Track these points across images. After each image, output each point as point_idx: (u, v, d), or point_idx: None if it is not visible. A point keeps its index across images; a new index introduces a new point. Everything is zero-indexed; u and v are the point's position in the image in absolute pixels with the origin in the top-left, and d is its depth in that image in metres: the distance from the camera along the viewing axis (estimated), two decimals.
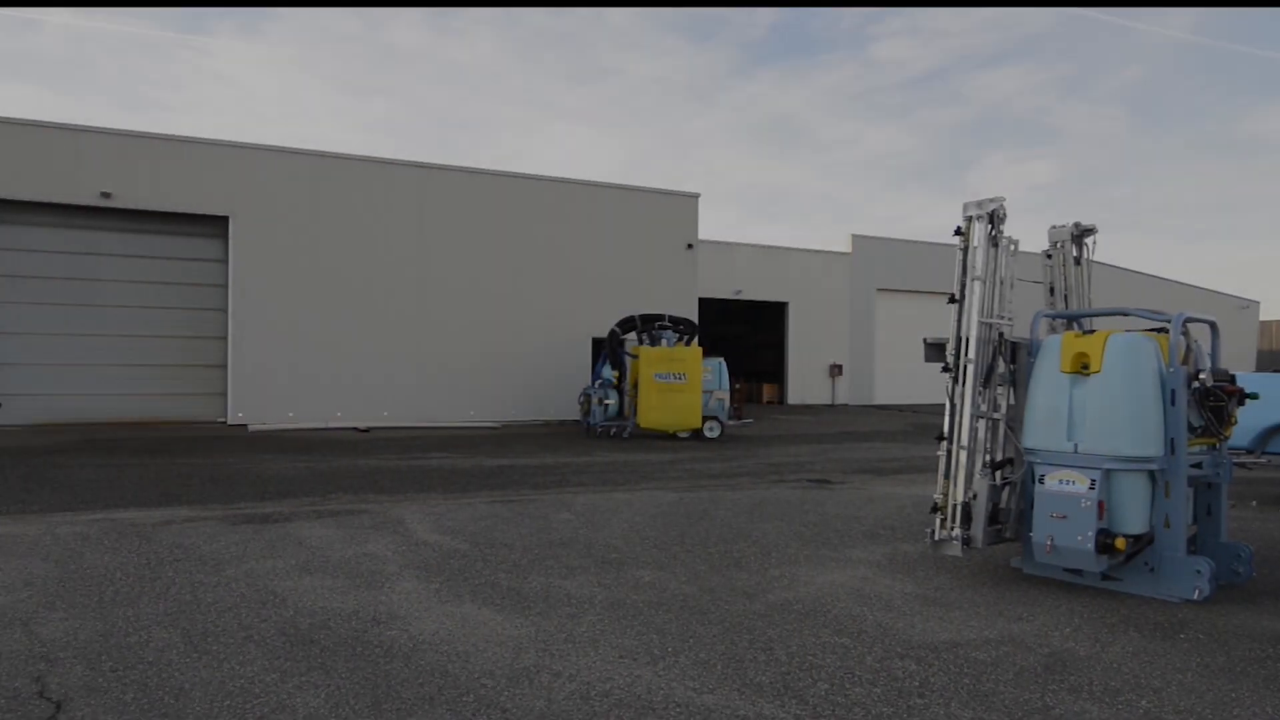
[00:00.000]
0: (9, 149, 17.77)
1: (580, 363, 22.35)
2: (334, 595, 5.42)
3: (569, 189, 22.95)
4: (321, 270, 20.17)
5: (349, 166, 20.73)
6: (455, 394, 21.27)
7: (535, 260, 22.32)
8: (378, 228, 20.78)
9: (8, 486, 9.81)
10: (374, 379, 20.50)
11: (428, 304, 21.20)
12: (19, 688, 3.84)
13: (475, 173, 22.10)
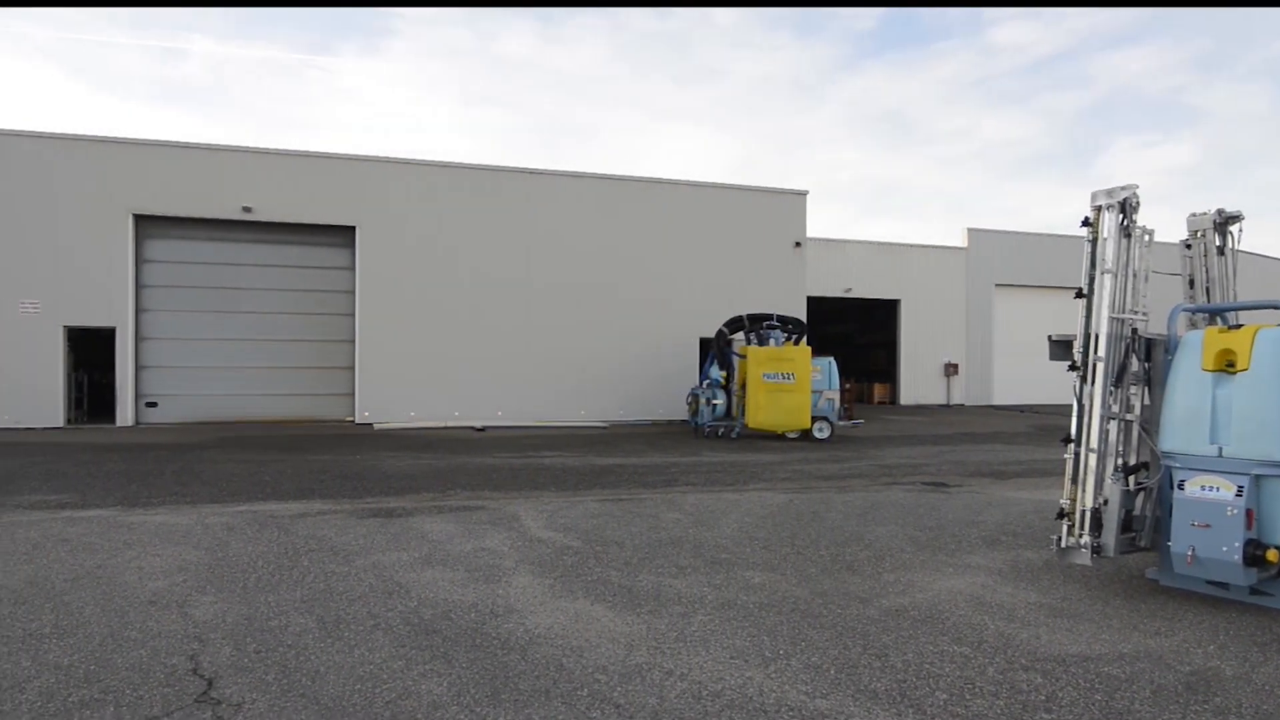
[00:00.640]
0: (162, 169, 19.35)
1: (688, 363, 22.40)
2: (454, 588, 5.65)
3: (675, 190, 23.04)
4: (440, 275, 21.02)
5: (463, 175, 21.49)
6: (565, 394, 21.72)
7: (642, 262, 22.52)
8: (491, 233, 21.47)
9: (164, 480, 10.68)
10: (489, 380, 21.19)
11: (539, 306, 21.74)
12: (175, 665, 4.18)
13: (582, 177, 22.49)
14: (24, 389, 18.32)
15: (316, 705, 3.71)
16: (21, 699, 3.74)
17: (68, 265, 18.63)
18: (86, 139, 19.17)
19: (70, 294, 18.68)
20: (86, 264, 18.76)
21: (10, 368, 18.23)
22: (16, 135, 18.80)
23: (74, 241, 18.69)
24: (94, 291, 18.82)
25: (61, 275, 18.61)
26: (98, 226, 18.84)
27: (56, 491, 9.69)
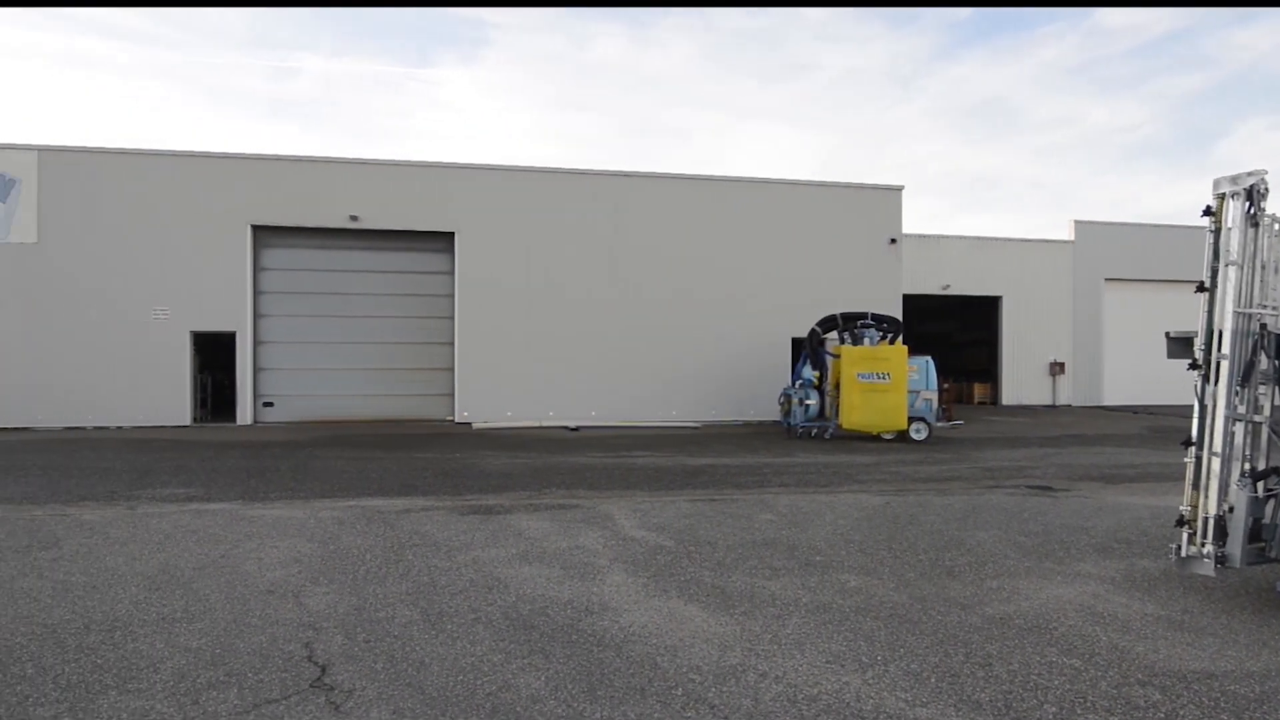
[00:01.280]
0: (277, 182, 20.45)
1: (780, 363, 22.16)
2: (550, 584, 5.77)
3: (765, 189, 22.83)
4: (535, 277, 21.46)
5: (556, 179, 21.88)
6: (657, 394, 21.83)
7: (733, 262, 22.41)
8: (584, 236, 21.78)
9: (280, 476, 11.29)
10: (582, 380, 21.51)
11: (630, 308, 21.92)
12: (292, 651, 4.43)
13: (672, 178, 22.54)
14: (156, 390, 19.70)
15: (422, 695, 3.86)
16: (156, 679, 4.04)
17: (194, 274, 19.92)
18: (210, 156, 20.43)
19: (196, 301, 19.96)
20: (210, 273, 20.01)
21: (144, 370, 19.62)
22: (150, 154, 20.22)
23: (199, 252, 19.97)
24: (217, 298, 20.06)
25: (188, 284, 19.91)
26: (220, 237, 20.07)
27: (185, 485, 10.38)
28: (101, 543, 6.99)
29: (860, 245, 22.90)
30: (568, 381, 21.42)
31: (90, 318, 19.54)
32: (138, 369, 19.61)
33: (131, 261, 19.73)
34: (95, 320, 19.54)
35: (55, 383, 19.35)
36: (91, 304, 19.56)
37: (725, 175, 22.79)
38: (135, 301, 19.72)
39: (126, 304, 19.67)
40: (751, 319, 22.31)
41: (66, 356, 19.41)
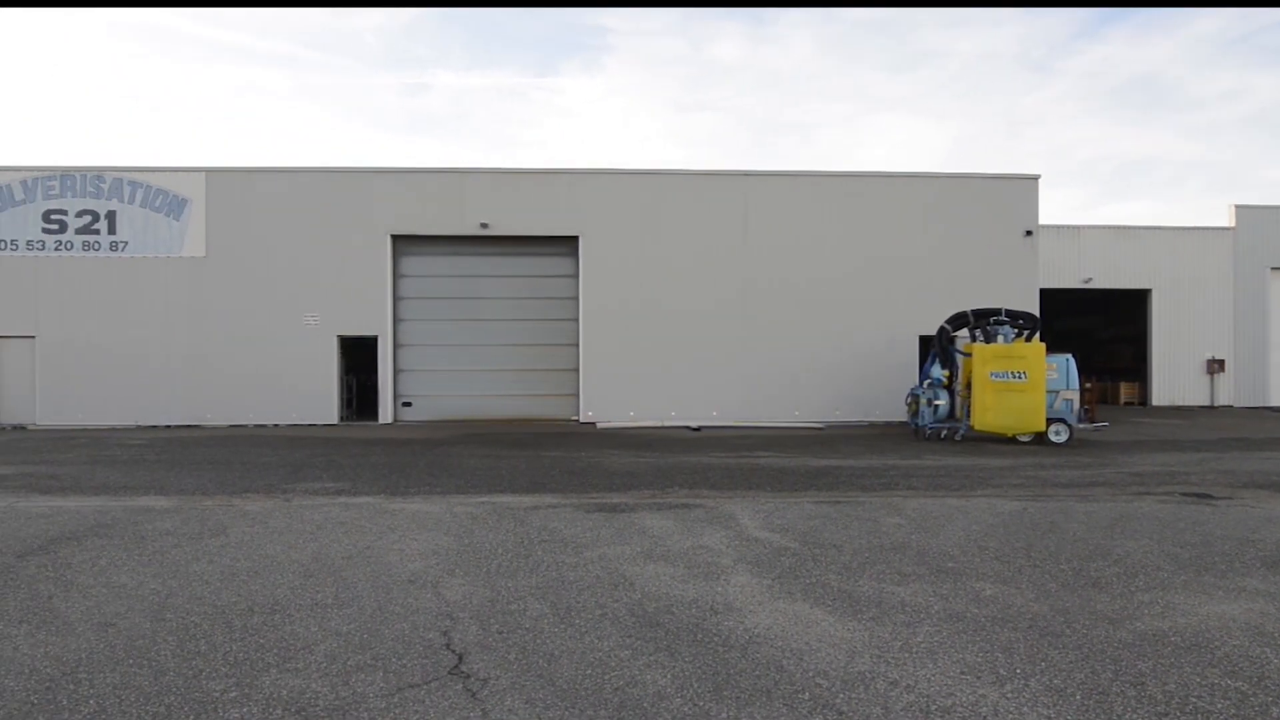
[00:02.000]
0: (412, 193, 21.55)
1: (907, 362, 21.48)
2: (675, 583, 5.84)
3: (892, 183, 22.16)
4: (657, 278, 21.67)
5: (677, 180, 22.00)
6: (780, 394, 21.60)
7: (859, 259, 21.88)
8: (706, 236, 21.81)
9: (418, 472, 11.90)
10: (705, 380, 21.55)
11: (753, 307, 21.78)
12: (431, 639, 4.67)
13: (795, 175, 22.23)
14: (308, 391, 21.15)
15: (553, 686, 4.00)
16: (311, 659, 4.35)
17: (340, 282, 21.27)
18: (353, 170, 21.74)
19: (342, 307, 21.31)
20: (355, 280, 21.31)
21: (297, 373, 21.12)
22: (301, 171, 21.72)
23: (345, 261, 21.30)
24: (361, 305, 21.34)
25: (335, 291, 21.28)
26: (363, 247, 21.34)
27: (334, 480, 11.10)
28: (262, 532, 7.59)
29: (993, 238, 21.87)
30: (690, 381, 21.52)
31: (250, 324, 21.21)
32: (291, 371, 21.12)
33: (285, 271, 21.27)
34: (254, 326, 21.20)
35: (221, 384, 21.12)
36: (251, 311, 21.23)
37: (851, 170, 22.31)
38: (289, 309, 21.25)
39: (281, 311, 21.24)
40: (878, 317, 21.73)
41: (230, 360, 21.15)
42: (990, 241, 21.84)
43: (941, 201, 22.01)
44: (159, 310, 21.19)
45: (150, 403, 21.06)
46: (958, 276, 21.49)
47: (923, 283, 21.65)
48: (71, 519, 8.29)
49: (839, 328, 21.72)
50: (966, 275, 21.50)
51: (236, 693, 3.90)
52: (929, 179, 22.25)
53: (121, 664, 4.27)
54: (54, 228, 21.19)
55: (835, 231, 21.88)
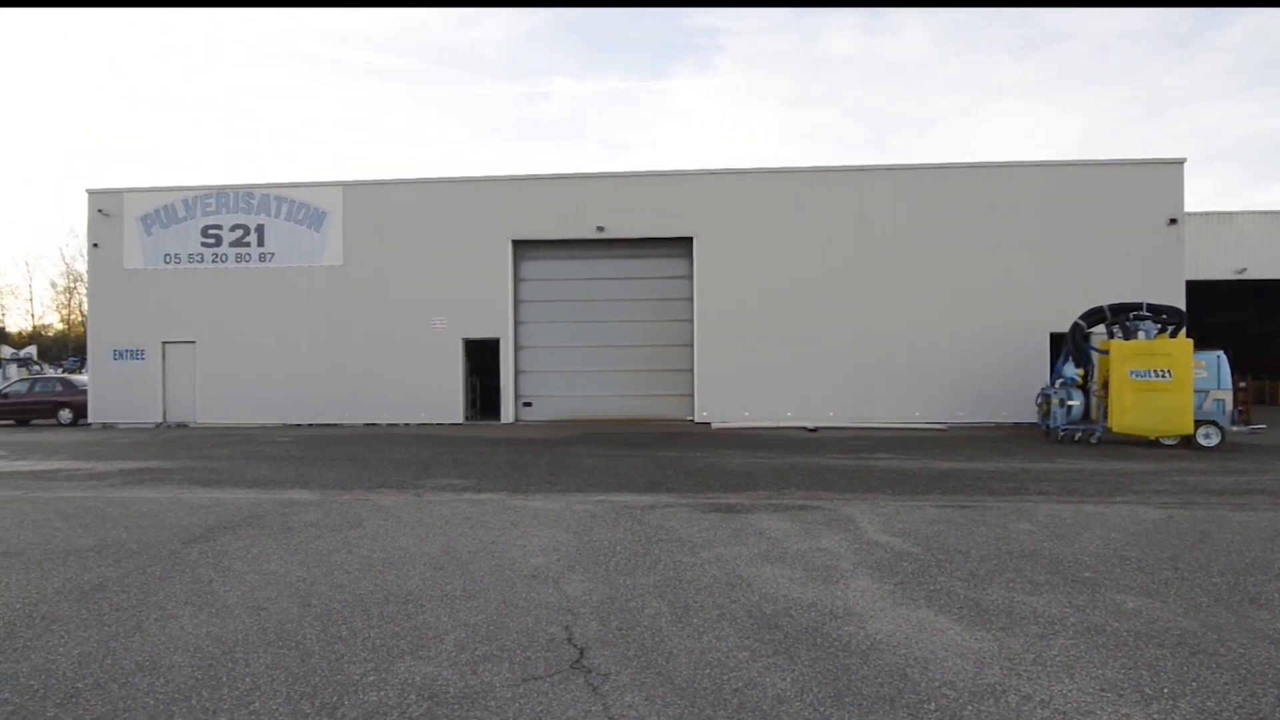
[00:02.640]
0: (531, 199, 22.19)
1: (1037, 361, 20.43)
2: (793, 585, 5.78)
3: (1017, 173, 21.13)
4: (771, 278, 21.47)
5: (791, 178, 21.71)
6: (899, 395, 20.97)
7: (983, 253, 20.97)
8: (820, 233, 21.44)
9: (539, 471, 12.25)
10: (821, 381, 21.18)
11: (870, 305, 21.24)
12: (553, 634, 4.81)
13: (913, 169, 21.54)
14: (435, 392, 22.14)
15: (671, 684, 4.04)
16: (442, 648, 4.56)
17: (464, 287, 22.15)
18: (475, 179, 22.59)
19: (466, 311, 22.19)
20: (478, 285, 22.14)
21: (426, 374, 22.14)
22: (427, 182, 22.74)
23: (469, 267, 22.16)
24: (483, 308, 22.16)
25: (460, 296, 22.18)
26: (486, 253, 22.14)
27: (460, 477, 11.58)
28: (395, 525, 8.01)
29: (1133, 228, 20.50)
30: (806, 382, 21.20)
31: (382, 328, 22.38)
32: (420, 373, 22.15)
33: (414, 277, 22.33)
34: (386, 330, 22.36)
35: (356, 385, 22.39)
36: (384, 316, 22.40)
37: (972, 161, 21.40)
38: (418, 313, 22.29)
39: (411, 315, 22.31)
40: (1004, 314, 20.76)
41: (364, 362, 22.38)
42: (1129, 231, 20.47)
43: (1073, 191, 20.81)
44: (301, 316, 22.67)
45: (294, 403, 22.56)
46: (1093, 270, 20.26)
47: (1053, 277, 20.53)
48: (228, 510, 8.99)
49: (962, 325, 20.88)
50: (1102, 268, 20.24)
51: (374, 677, 4.14)
52: (1059, 167, 21.08)
53: (272, 645, 4.61)
54: (211, 241, 23.02)
55: (957, 226, 21.05)
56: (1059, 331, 19.15)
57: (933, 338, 20.96)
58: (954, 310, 20.95)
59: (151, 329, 23.19)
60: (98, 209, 23.35)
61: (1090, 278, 20.09)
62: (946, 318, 20.96)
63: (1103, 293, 18.80)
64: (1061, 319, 18.84)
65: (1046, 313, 20.35)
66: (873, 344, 21.17)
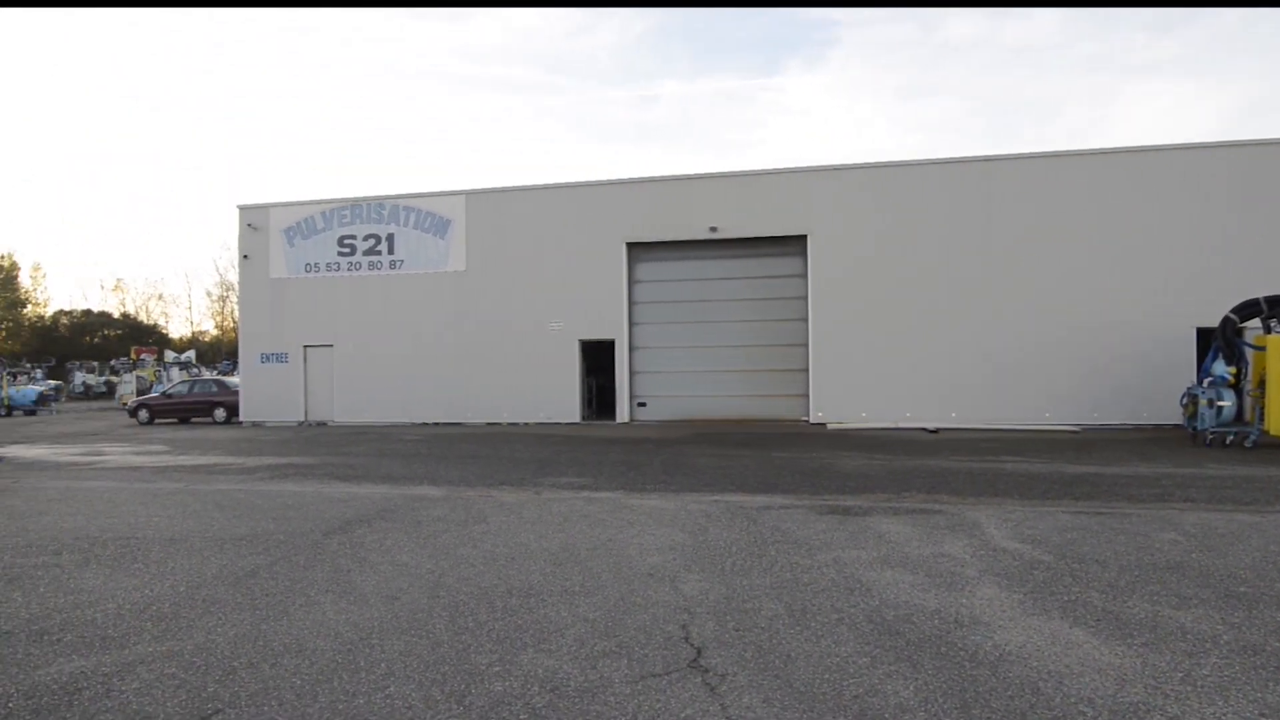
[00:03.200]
0: (645, 202, 22.41)
1: (1181, 358, 19.03)
2: (914, 591, 5.62)
3: (1158, 157, 19.73)
4: (889, 275, 20.88)
5: (910, 172, 21.05)
6: (1027, 395, 19.97)
7: (1120, 244, 19.71)
8: (942, 227, 20.68)
9: (653, 470, 12.37)
10: (942, 380, 20.43)
11: (997, 301, 20.32)
12: (671, 632, 4.85)
13: (1043, 157, 20.46)
14: (553, 392, 22.70)
15: (789, 687, 4.02)
16: (562, 642, 4.69)
17: (581, 289, 22.62)
18: (590, 184, 23.02)
19: (582, 313, 22.64)
20: (594, 287, 22.56)
21: (545, 375, 22.74)
22: (545, 188, 23.35)
23: (585, 269, 22.62)
24: (599, 310, 22.55)
25: (576, 298, 22.66)
26: (601, 255, 22.54)
27: (577, 475, 11.84)
28: (516, 521, 8.28)
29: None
30: (926, 381, 20.50)
31: (503, 331, 23.14)
32: (539, 374, 22.77)
33: (533, 281, 22.98)
34: (507, 333, 23.10)
35: (479, 386, 23.23)
36: (504, 319, 23.16)
37: (1106, 146, 20.15)
38: (536, 316, 22.93)
39: (529, 318, 22.97)
40: (1145, 308, 19.44)
41: (486, 364, 23.20)
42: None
43: (1221, 174, 19.26)
44: (428, 320, 23.72)
45: (422, 402, 23.63)
46: (1245, 259, 18.69)
47: (1199, 269, 19.06)
48: (363, 504, 9.53)
49: (1098, 320, 19.68)
50: (1257, 258, 18.64)
51: (500, 668, 4.31)
52: (1204, 149, 19.56)
53: (405, 633, 4.86)
54: (346, 251, 24.42)
55: (1090, 215, 19.86)
56: (1207, 326, 17.77)
57: (1065, 334, 19.84)
58: (1088, 304, 19.76)
59: (294, 334, 24.82)
60: (247, 223, 25.20)
61: (1242, 267, 18.52)
62: (1080, 312, 19.79)
63: (1258, 283, 17.30)
64: (1209, 312, 17.49)
65: (1192, 306, 18.92)
66: (999, 341, 20.24)
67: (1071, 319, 19.84)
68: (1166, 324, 19.27)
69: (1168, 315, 19.28)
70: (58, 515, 9.10)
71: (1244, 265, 18.60)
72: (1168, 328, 19.26)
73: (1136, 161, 19.81)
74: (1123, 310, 19.57)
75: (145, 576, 6.28)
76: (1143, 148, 19.87)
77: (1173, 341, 19.23)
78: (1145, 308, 19.44)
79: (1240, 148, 19.35)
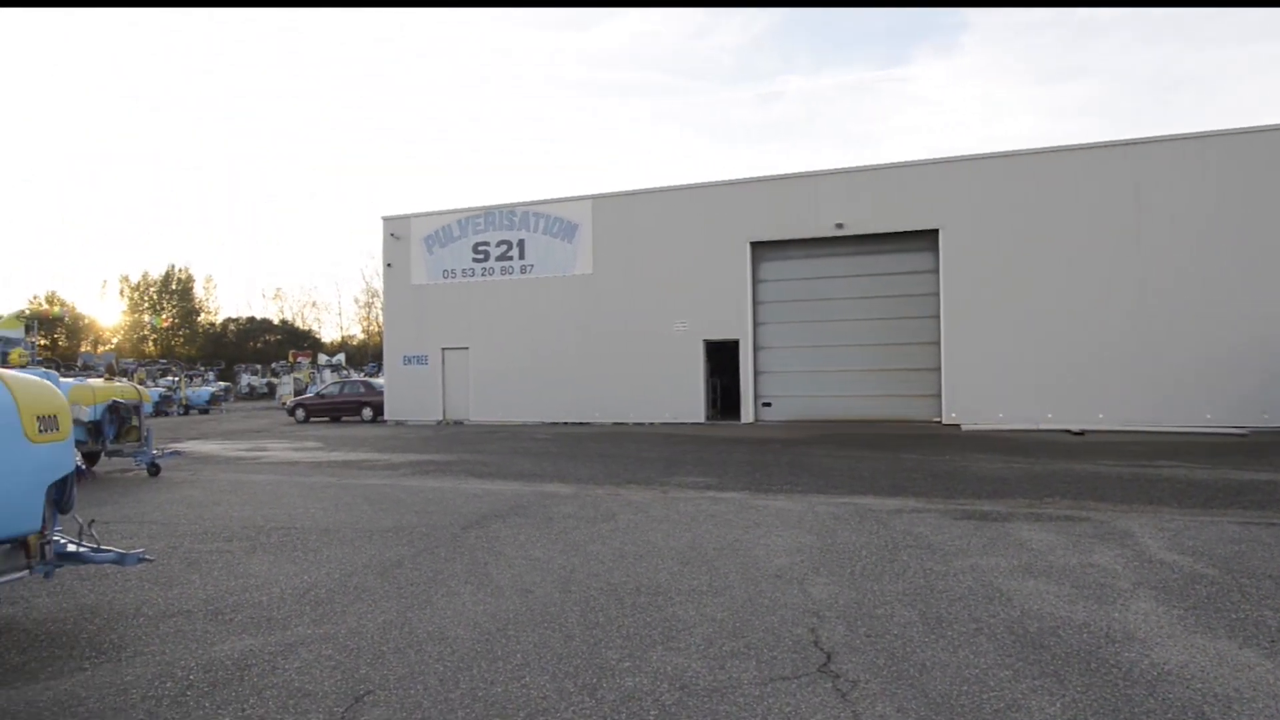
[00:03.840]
0: (769, 201, 22.22)
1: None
2: (1060, 603, 5.33)
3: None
4: (1028, 268, 19.81)
5: (1051, 159, 19.90)
6: (1184, 395, 18.46)
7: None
8: (1088, 216, 19.44)
9: (779, 471, 12.25)
10: (1087, 380, 19.19)
11: (1148, 294, 18.91)
12: (799, 635, 4.81)
13: (1200, 137, 18.85)
14: (678, 392, 22.85)
15: (925, 698, 3.90)
16: (690, 641, 4.74)
17: (704, 290, 22.67)
18: (713, 185, 23.03)
19: (707, 314, 22.68)
20: (717, 288, 22.56)
21: (669, 376, 22.93)
22: (668, 190, 23.55)
23: (708, 270, 22.65)
24: (723, 310, 22.53)
25: (700, 299, 22.72)
26: (725, 255, 22.51)
27: (703, 475, 11.88)
28: (644, 519, 8.40)
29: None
30: (1070, 380, 19.30)
31: (628, 332, 23.49)
32: (663, 374, 22.98)
33: (657, 283, 23.22)
34: (632, 334, 23.43)
35: (605, 386, 23.67)
36: (629, 320, 23.50)
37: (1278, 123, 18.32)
38: (661, 317, 23.15)
39: (654, 319, 23.22)
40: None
41: (612, 365, 23.62)
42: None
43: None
44: (556, 322, 24.38)
45: (551, 402, 24.31)
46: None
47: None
48: (497, 500, 9.93)
49: (1269, 314, 17.93)
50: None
51: (629, 664, 4.40)
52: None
53: (539, 626, 5.04)
54: (480, 257, 25.46)
55: (1260, 198, 18.11)
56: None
57: (1229, 329, 18.19)
58: (1257, 296, 18.04)
59: (433, 337, 26.09)
60: (390, 233, 26.70)
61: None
62: (1247, 305, 18.10)
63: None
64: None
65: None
66: (1152, 337, 18.79)
67: (1236, 313, 18.17)
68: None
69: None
70: (228, 505, 9.96)
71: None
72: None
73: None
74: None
75: (304, 564, 6.79)
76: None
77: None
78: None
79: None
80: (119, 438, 13.25)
